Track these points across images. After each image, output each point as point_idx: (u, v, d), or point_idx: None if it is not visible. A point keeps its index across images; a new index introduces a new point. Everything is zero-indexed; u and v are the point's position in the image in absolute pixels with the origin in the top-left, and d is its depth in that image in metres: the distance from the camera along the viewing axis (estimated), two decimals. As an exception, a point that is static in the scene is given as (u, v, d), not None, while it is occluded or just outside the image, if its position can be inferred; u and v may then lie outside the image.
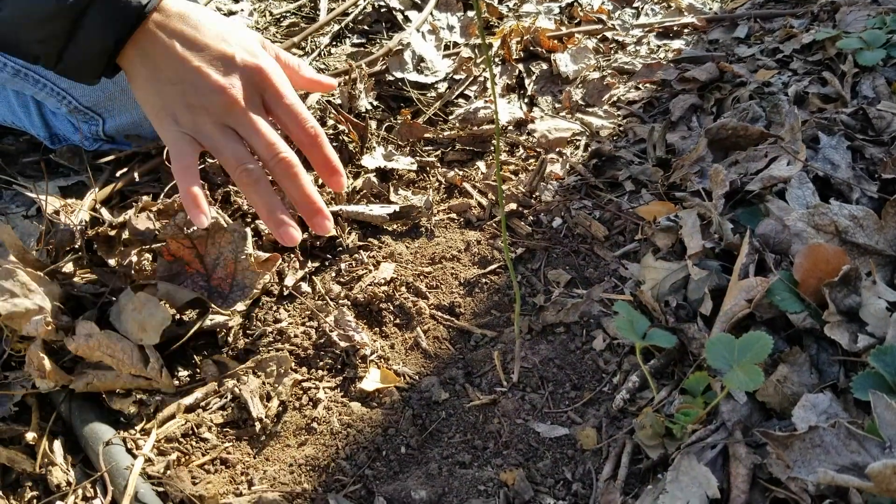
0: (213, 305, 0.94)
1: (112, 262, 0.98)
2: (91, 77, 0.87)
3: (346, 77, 1.35)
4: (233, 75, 0.88)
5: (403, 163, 1.23)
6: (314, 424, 0.84)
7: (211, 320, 0.94)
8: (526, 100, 1.43)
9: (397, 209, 1.10)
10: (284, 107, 0.90)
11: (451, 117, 1.37)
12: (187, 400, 0.86)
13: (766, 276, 0.83)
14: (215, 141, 0.86)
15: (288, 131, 0.90)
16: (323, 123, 1.27)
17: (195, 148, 0.86)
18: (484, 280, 1.03)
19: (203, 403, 0.87)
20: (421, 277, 1.03)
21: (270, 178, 0.87)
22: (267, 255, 1.00)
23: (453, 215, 1.14)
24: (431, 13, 1.64)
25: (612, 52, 1.56)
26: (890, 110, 1.10)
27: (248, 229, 0.98)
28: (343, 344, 0.91)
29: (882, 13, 1.35)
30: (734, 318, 0.81)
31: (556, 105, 1.41)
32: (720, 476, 0.70)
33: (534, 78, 1.48)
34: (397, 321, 0.97)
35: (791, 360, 0.77)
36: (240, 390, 0.86)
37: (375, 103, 1.38)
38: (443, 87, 1.45)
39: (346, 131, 1.25)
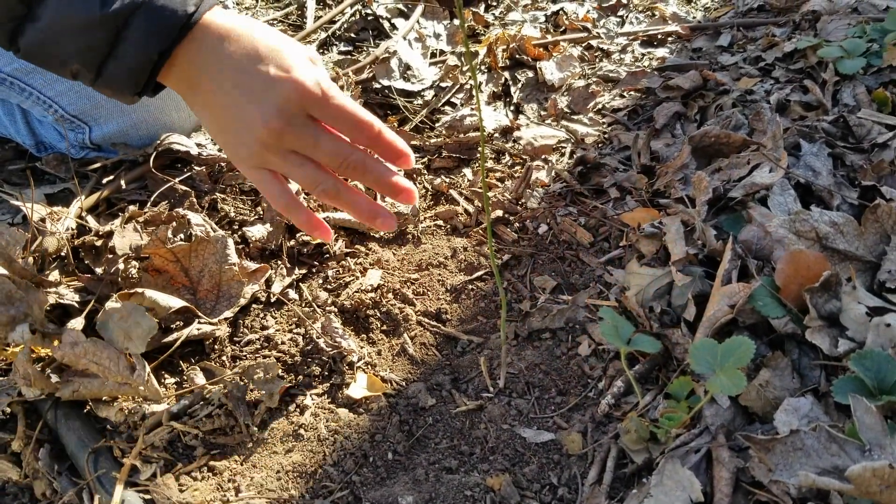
0: (200, 315, 0.94)
1: (98, 270, 0.98)
2: (131, 92, 0.82)
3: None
4: (267, 102, 0.84)
5: (390, 170, 1.23)
6: (301, 431, 0.84)
7: (198, 329, 0.94)
8: (512, 107, 1.44)
9: (384, 216, 1.10)
10: (335, 108, 0.87)
11: (437, 125, 1.38)
12: (174, 407, 0.86)
13: (748, 282, 0.84)
14: (285, 171, 0.86)
15: (344, 132, 0.88)
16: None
17: (278, 177, 0.86)
18: (470, 286, 1.03)
19: (190, 411, 0.87)
20: (408, 284, 1.03)
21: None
22: (256, 265, 1.00)
23: (440, 222, 1.15)
24: (418, 21, 1.65)
25: (597, 60, 1.58)
26: (870, 118, 1.12)
27: (230, 239, 0.98)
28: (330, 351, 0.92)
29: (862, 22, 1.37)
30: (717, 323, 0.82)
31: (542, 112, 1.42)
32: (704, 479, 0.71)
33: (520, 86, 1.49)
34: (384, 328, 0.98)
35: (773, 365, 0.78)
36: (227, 397, 0.86)
37: (362, 111, 1.38)
38: (429, 94, 1.46)
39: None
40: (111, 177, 1.17)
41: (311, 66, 0.88)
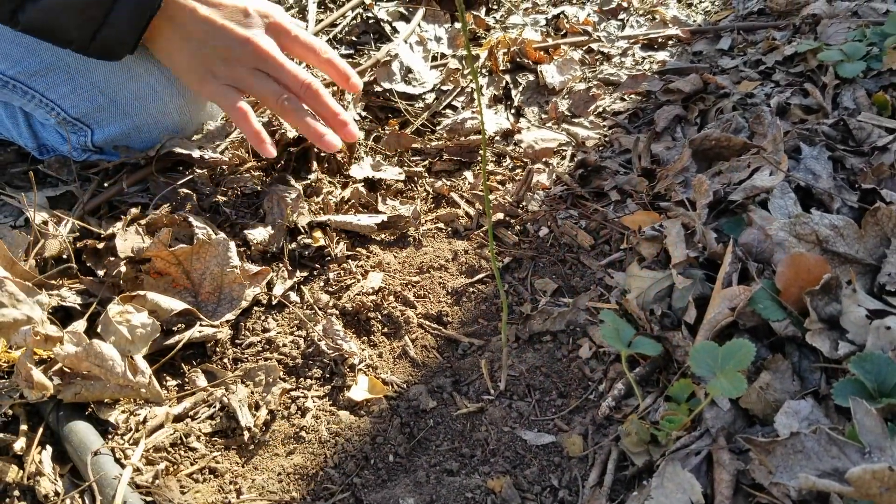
0: (202, 318, 0.95)
1: (100, 272, 0.98)
2: (121, 54, 0.99)
3: (335, 88, 1.36)
4: (252, 26, 1.04)
5: (391, 173, 1.23)
6: (302, 433, 0.84)
7: (200, 332, 0.94)
8: (513, 110, 1.45)
9: (385, 219, 1.11)
10: (296, 40, 1.10)
11: (438, 128, 1.38)
12: (176, 409, 0.86)
13: (748, 285, 0.84)
14: (252, 84, 1.04)
15: (306, 61, 1.12)
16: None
17: (239, 94, 1.04)
18: (471, 289, 1.03)
19: (192, 413, 0.87)
20: (409, 286, 1.04)
21: None
22: (257, 268, 1.00)
23: (441, 225, 1.15)
24: (419, 24, 1.65)
25: (598, 63, 1.58)
26: (870, 121, 1.12)
27: (231, 242, 0.98)
28: (331, 353, 0.92)
29: (862, 26, 1.37)
30: (718, 326, 0.82)
31: (543, 116, 1.42)
32: (704, 482, 0.71)
33: (520, 89, 1.49)
34: (385, 330, 0.98)
35: (773, 368, 0.78)
36: (228, 399, 0.86)
37: (364, 114, 1.39)
38: (430, 97, 1.46)
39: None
40: (113, 179, 1.17)
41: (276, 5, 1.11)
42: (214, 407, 0.87)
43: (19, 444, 0.82)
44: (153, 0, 0.96)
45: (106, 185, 1.16)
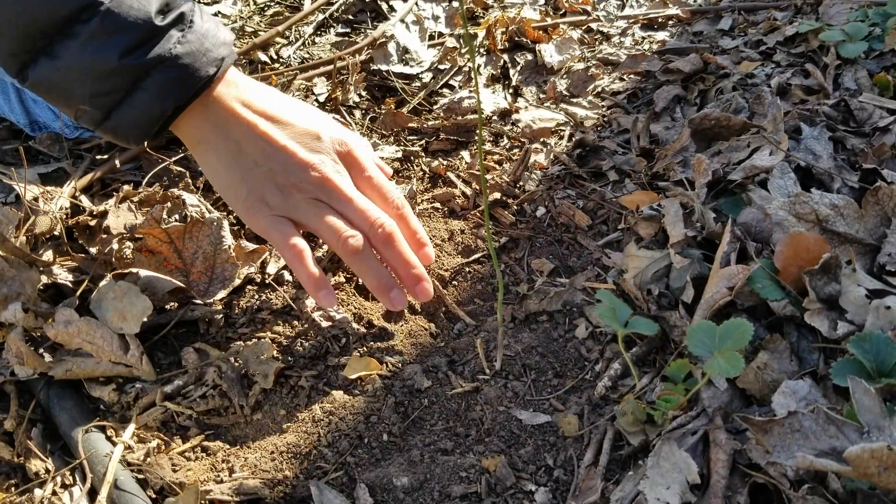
0: (194, 296, 0.94)
1: (92, 249, 0.97)
2: (136, 141, 0.83)
3: (333, 68, 1.34)
4: (320, 151, 0.89)
5: (388, 152, 1.22)
6: (295, 412, 0.84)
7: (192, 310, 0.93)
8: (510, 90, 1.43)
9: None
10: (368, 181, 0.92)
11: (435, 107, 1.37)
12: (168, 387, 0.85)
13: (747, 265, 0.83)
14: (311, 217, 0.87)
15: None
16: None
17: (294, 227, 0.87)
18: (467, 269, 1.03)
19: (184, 391, 0.86)
20: (404, 266, 1.02)
21: None
22: (253, 246, 0.99)
23: (437, 204, 1.14)
24: (416, 3, 1.64)
25: (597, 43, 1.56)
26: (871, 102, 1.11)
27: (225, 221, 0.97)
28: (325, 324, 0.91)
29: (864, 6, 1.36)
30: (715, 305, 0.82)
31: (541, 95, 1.41)
32: (700, 462, 0.70)
33: (518, 68, 1.48)
34: (380, 309, 0.97)
35: (771, 348, 0.77)
36: (221, 378, 0.85)
37: (361, 93, 1.37)
38: (427, 76, 1.45)
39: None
40: (105, 156, 1.16)
41: (353, 133, 0.95)
42: (207, 385, 0.86)
43: (10, 422, 0.81)
44: (186, 91, 0.81)
45: (98, 161, 1.15)
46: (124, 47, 0.76)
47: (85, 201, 1.06)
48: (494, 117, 1.33)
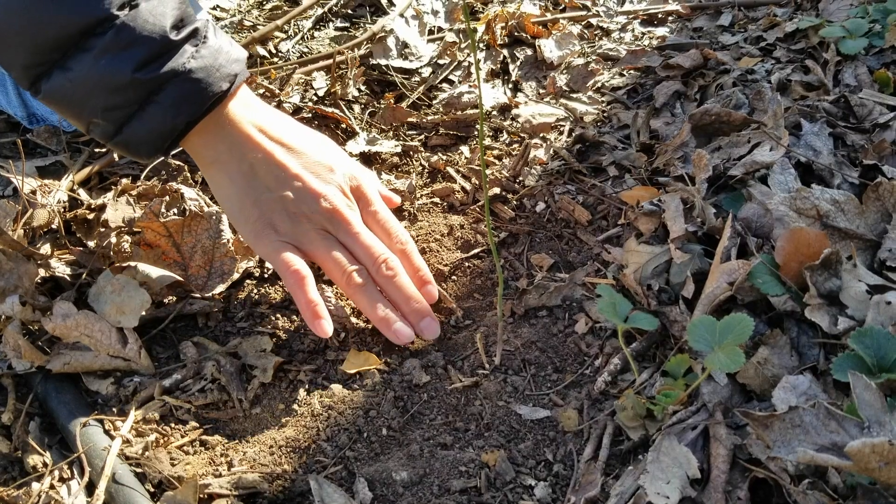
0: (193, 290, 0.93)
1: (90, 243, 0.97)
2: (147, 155, 0.84)
3: (332, 62, 1.34)
4: (332, 183, 0.91)
5: (387, 147, 1.22)
6: (294, 406, 0.83)
7: (191, 304, 0.93)
8: (510, 85, 1.43)
9: (380, 192, 1.09)
10: (374, 216, 0.94)
11: (434, 102, 1.37)
12: (166, 381, 0.85)
13: (747, 260, 0.83)
14: (317, 247, 0.88)
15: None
16: (297, 111, 1.26)
17: (299, 255, 0.87)
18: (467, 264, 1.02)
19: (182, 385, 0.86)
20: (403, 261, 1.02)
21: None
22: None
23: (437, 199, 1.14)
24: (416, -2, 1.63)
25: (597, 38, 1.56)
26: (871, 98, 1.11)
27: (224, 215, 0.97)
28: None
29: (864, 2, 1.36)
30: (716, 300, 0.81)
31: (541, 90, 1.40)
32: (700, 456, 0.70)
33: (518, 63, 1.47)
34: (379, 304, 0.97)
35: (772, 343, 0.77)
36: (220, 372, 0.85)
37: (360, 87, 1.37)
38: (427, 71, 1.44)
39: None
40: (103, 150, 1.15)
41: (365, 169, 0.97)
42: (205, 379, 0.86)
43: (7, 415, 0.81)
44: (199, 100, 0.81)
45: (96, 154, 1.14)
46: (139, 61, 0.76)
47: (83, 195, 1.05)
48: (494, 112, 1.33)
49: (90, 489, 0.75)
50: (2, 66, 0.79)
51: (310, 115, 1.26)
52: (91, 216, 1.01)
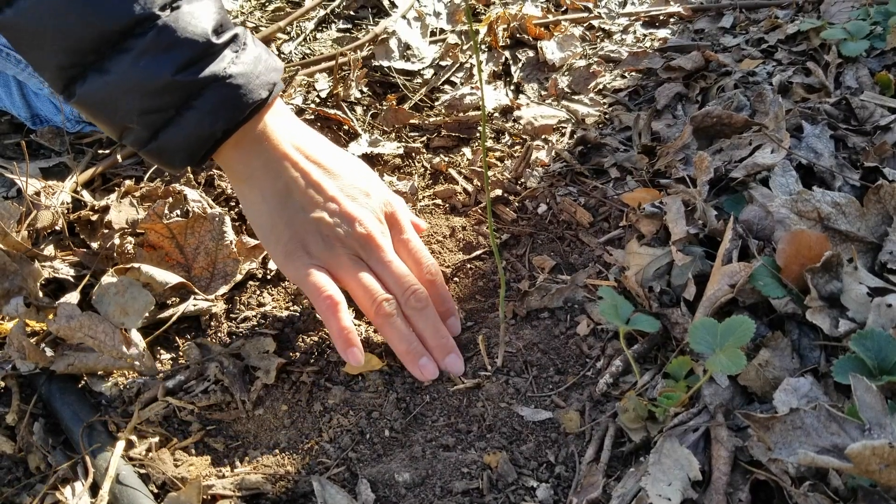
0: (196, 291, 0.94)
1: (94, 244, 0.97)
2: (182, 163, 0.81)
3: (335, 63, 1.34)
4: (367, 208, 0.89)
5: (389, 148, 1.22)
6: (297, 407, 0.84)
7: (194, 305, 0.93)
8: (512, 87, 1.43)
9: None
10: (406, 244, 0.93)
11: (436, 103, 1.37)
12: (169, 383, 0.85)
13: (749, 262, 0.84)
14: (349, 273, 0.86)
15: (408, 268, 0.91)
16: (300, 113, 1.26)
17: (330, 279, 0.85)
18: (469, 265, 1.03)
19: (185, 386, 0.86)
20: (406, 262, 1.02)
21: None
22: (255, 241, 0.99)
23: (438, 201, 1.14)
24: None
25: (599, 40, 1.56)
26: (872, 101, 1.11)
27: (227, 216, 0.97)
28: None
29: (866, 4, 1.36)
30: (717, 302, 0.82)
31: (543, 92, 1.41)
32: (702, 458, 0.71)
33: (520, 65, 1.48)
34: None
35: (773, 345, 0.77)
36: (223, 373, 0.85)
37: (363, 89, 1.37)
38: (429, 73, 1.45)
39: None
40: (107, 151, 1.16)
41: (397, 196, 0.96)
42: (208, 381, 0.86)
43: (11, 416, 0.81)
44: (238, 107, 0.79)
45: (100, 156, 1.15)
46: (180, 63, 0.74)
47: (86, 196, 1.05)
48: (496, 114, 1.33)
49: (94, 490, 0.75)
50: (34, 69, 0.76)
51: (312, 116, 1.27)
52: (95, 218, 1.01)
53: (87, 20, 0.71)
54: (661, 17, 1.61)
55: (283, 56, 1.48)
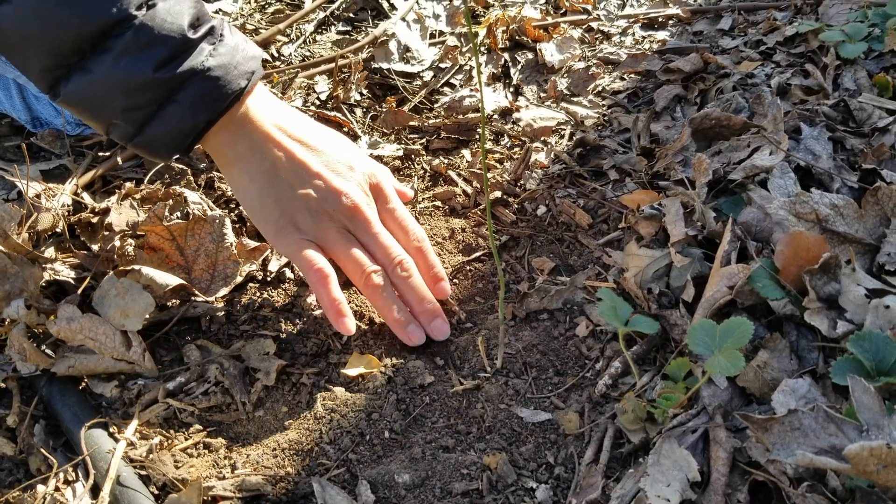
0: (196, 293, 0.94)
1: (94, 246, 0.98)
2: (168, 154, 0.84)
3: (334, 66, 1.35)
4: (352, 181, 0.92)
5: (389, 150, 1.23)
6: (297, 409, 0.84)
7: (195, 307, 0.93)
8: (511, 89, 1.43)
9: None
10: (392, 213, 0.95)
11: (436, 105, 1.37)
12: (170, 384, 0.86)
13: (747, 264, 0.84)
14: (338, 246, 0.89)
15: (395, 237, 0.94)
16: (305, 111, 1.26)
17: (320, 252, 0.88)
18: (468, 267, 1.03)
19: (186, 388, 0.86)
20: (405, 264, 1.03)
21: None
22: (255, 243, 0.99)
23: (438, 203, 1.15)
24: (417, 1, 1.64)
25: (598, 42, 1.57)
26: (871, 102, 1.11)
27: (227, 218, 0.97)
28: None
29: (864, 6, 1.36)
30: (716, 304, 0.82)
31: (542, 94, 1.41)
32: (701, 459, 0.71)
33: (519, 67, 1.48)
34: (381, 307, 0.97)
35: (771, 346, 0.78)
36: (223, 375, 0.86)
37: (362, 91, 1.38)
38: (428, 75, 1.45)
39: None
40: (107, 154, 1.16)
41: (382, 167, 0.98)
42: (209, 382, 0.86)
43: (12, 418, 0.82)
44: (218, 98, 0.82)
45: (100, 158, 1.15)
46: (158, 60, 0.77)
47: (87, 198, 1.06)
48: (495, 116, 1.34)
49: (95, 491, 0.75)
50: (19, 71, 0.79)
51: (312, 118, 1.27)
52: (95, 220, 1.01)
53: (67, 23, 0.73)
54: (660, 19, 1.61)
55: (282, 58, 1.49)
